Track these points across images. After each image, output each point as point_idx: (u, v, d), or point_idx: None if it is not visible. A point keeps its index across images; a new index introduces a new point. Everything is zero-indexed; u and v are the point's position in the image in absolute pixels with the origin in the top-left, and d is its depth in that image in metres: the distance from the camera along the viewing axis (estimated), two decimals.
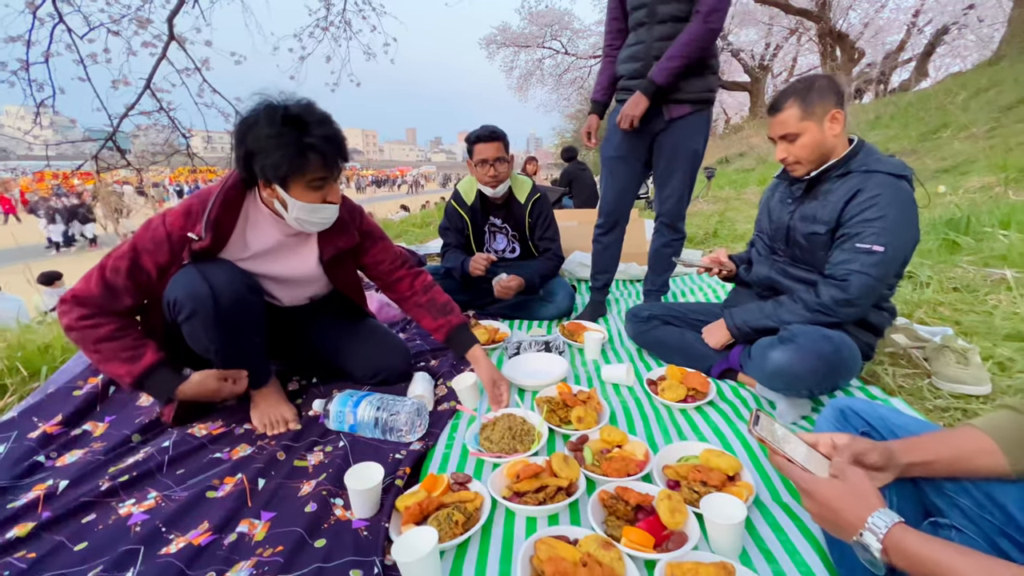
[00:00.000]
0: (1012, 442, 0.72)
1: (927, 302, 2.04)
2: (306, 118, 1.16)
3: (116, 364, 1.20)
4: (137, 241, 1.22)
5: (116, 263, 1.20)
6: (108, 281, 1.18)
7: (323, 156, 1.18)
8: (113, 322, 1.20)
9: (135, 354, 1.21)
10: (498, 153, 2.19)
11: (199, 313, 1.22)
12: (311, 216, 1.27)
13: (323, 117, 1.19)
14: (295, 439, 1.33)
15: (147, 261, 1.21)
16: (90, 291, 1.17)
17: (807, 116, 1.33)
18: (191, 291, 1.21)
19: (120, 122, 5.06)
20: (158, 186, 21.62)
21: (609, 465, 1.11)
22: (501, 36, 17.64)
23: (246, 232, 1.33)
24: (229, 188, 1.26)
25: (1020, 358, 1.53)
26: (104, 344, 1.18)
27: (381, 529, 0.96)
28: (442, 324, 1.53)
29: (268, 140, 1.13)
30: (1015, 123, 5.36)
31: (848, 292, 1.30)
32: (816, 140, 1.35)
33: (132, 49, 5.20)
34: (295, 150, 1.14)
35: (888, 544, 0.62)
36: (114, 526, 1.01)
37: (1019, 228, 2.59)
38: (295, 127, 1.14)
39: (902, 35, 13.51)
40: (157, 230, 1.22)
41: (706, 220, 4.90)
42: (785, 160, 1.41)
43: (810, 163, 1.38)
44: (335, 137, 1.20)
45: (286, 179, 1.19)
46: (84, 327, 1.17)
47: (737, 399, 1.49)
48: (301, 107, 1.17)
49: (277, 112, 1.14)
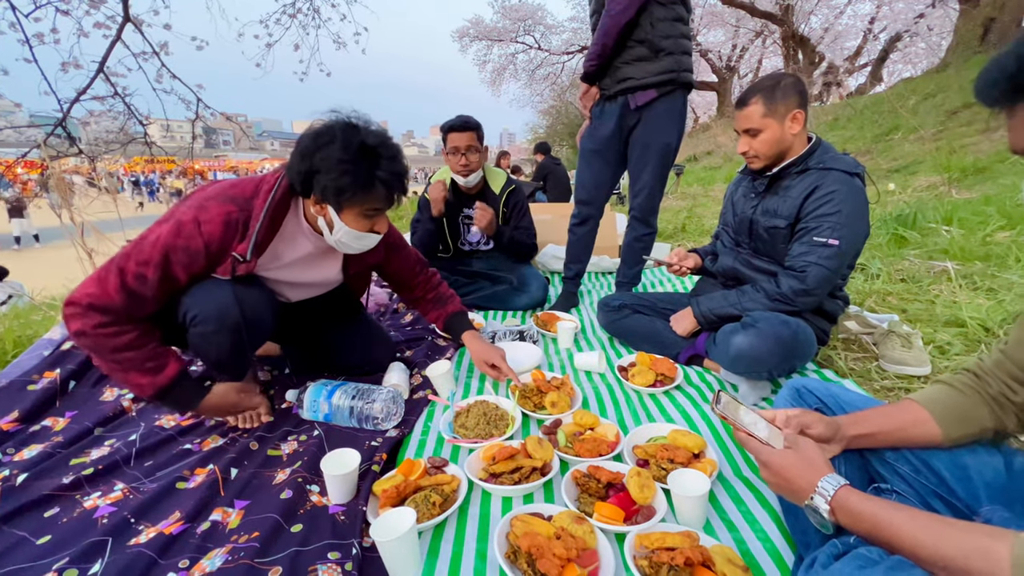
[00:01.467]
0: (945, 413, 0.80)
1: (877, 292, 2.17)
2: (381, 152, 1.15)
3: (137, 375, 1.12)
4: (168, 248, 1.11)
5: (141, 270, 1.09)
6: (133, 289, 1.09)
7: (388, 189, 1.18)
8: (134, 329, 1.11)
9: (158, 364, 1.14)
10: (470, 142, 2.20)
11: (222, 332, 1.18)
12: (354, 242, 1.26)
13: (395, 152, 1.18)
14: (268, 429, 1.32)
15: (180, 272, 1.13)
16: (110, 298, 1.07)
17: (770, 114, 1.40)
18: (221, 313, 1.17)
19: (71, 107, 4.78)
20: (112, 176, 20.50)
21: (582, 446, 1.15)
22: (474, 29, 17.49)
23: (278, 244, 1.28)
24: (277, 204, 1.20)
25: (957, 342, 1.65)
26: (124, 353, 1.10)
27: (359, 513, 0.97)
28: (441, 313, 1.62)
29: (339, 164, 1.11)
30: (959, 127, 5.72)
31: (806, 283, 1.38)
32: (776, 137, 1.42)
33: (83, 30, 4.92)
34: (364, 180, 1.13)
35: (835, 505, 0.68)
36: (79, 519, 0.98)
37: (960, 224, 2.79)
38: (368, 157, 1.13)
39: (859, 41, 14.14)
40: (192, 240, 1.12)
41: (675, 216, 5.04)
42: (746, 153, 1.48)
43: (768, 158, 1.46)
44: (401, 173, 1.19)
45: (342, 204, 1.17)
46: (102, 335, 1.07)
47: (703, 383, 1.56)
48: (378, 139, 1.15)
49: (355, 139, 1.12)
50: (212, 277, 1.19)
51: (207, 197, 1.17)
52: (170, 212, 1.19)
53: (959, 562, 0.55)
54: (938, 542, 0.57)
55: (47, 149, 5.12)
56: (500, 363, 1.47)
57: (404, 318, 2.21)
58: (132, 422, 1.36)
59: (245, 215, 1.17)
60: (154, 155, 6.06)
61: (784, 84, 1.41)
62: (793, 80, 1.43)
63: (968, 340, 1.67)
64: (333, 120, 1.15)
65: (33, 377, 1.50)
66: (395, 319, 2.22)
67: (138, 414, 1.40)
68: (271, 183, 1.21)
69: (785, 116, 1.40)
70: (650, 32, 1.83)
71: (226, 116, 6.29)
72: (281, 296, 1.41)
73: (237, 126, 8.75)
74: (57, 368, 1.53)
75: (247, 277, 1.22)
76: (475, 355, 1.52)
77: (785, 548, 0.89)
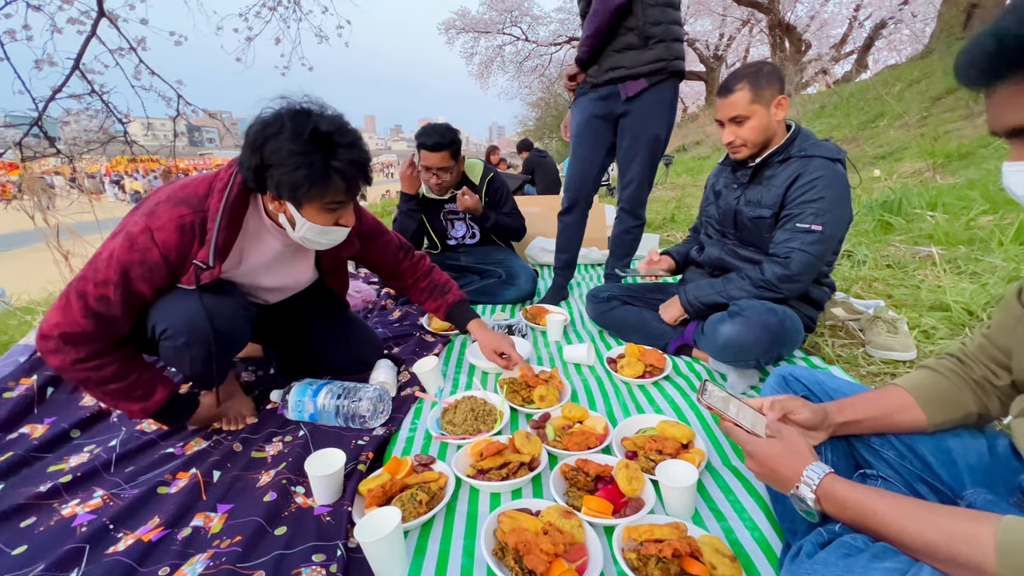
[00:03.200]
0: (929, 398, 0.80)
1: (863, 278, 2.19)
2: (337, 139, 1.04)
3: (127, 403, 1.12)
4: (125, 264, 1.03)
5: (102, 291, 1.02)
6: (98, 312, 1.02)
7: (347, 181, 1.07)
8: (115, 359, 1.07)
9: (146, 392, 1.13)
10: (442, 163, 2.15)
11: (193, 346, 1.11)
12: (319, 237, 1.16)
13: (354, 139, 1.07)
14: (253, 431, 1.30)
15: (143, 287, 1.06)
16: (80, 325, 1.01)
17: (757, 99, 1.39)
18: (191, 326, 1.10)
19: (46, 106, 4.65)
20: (94, 177, 20.02)
21: (570, 440, 1.14)
22: (460, 21, 17.30)
23: (243, 245, 1.21)
24: (233, 203, 1.11)
25: (942, 327, 1.67)
26: (109, 386, 1.08)
27: (344, 513, 0.95)
28: (440, 304, 1.56)
29: (290, 156, 1.00)
30: (943, 113, 5.77)
31: (790, 269, 1.38)
32: (763, 124, 1.41)
33: (57, 26, 4.78)
34: (319, 172, 1.02)
35: (820, 493, 0.68)
36: (56, 527, 0.96)
37: (945, 209, 2.81)
38: (322, 146, 1.02)
39: (844, 28, 14.19)
40: (149, 252, 1.04)
41: (664, 206, 5.05)
42: (732, 143, 1.46)
43: (755, 146, 1.45)
44: (362, 162, 1.08)
45: (300, 200, 1.08)
46: (85, 370, 1.04)
47: (691, 373, 1.56)
48: (333, 125, 1.04)
49: (306, 126, 1.01)
50: (178, 287, 1.11)
51: (157, 202, 1.08)
52: (122, 223, 1.11)
53: (943, 548, 0.54)
54: (922, 528, 0.57)
55: (24, 149, 5.00)
56: (510, 351, 1.44)
57: (392, 314, 2.19)
58: (113, 427, 1.34)
59: (200, 216, 1.08)
60: (135, 154, 5.94)
61: (767, 70, 1.40)
62: (772, 67, 1.42)
63: (952, 324, 1.68)
64: (282, 107, 1.04)
65: (9, 384, 1.46)
66: (383, 315, 2.20)
67: (119, 419, 1.37)
68: (225, 180, 1.12)
69: (771, 102, 1.39)
70: (640, 18, 1.79)
71: (209, 113, 6.18)
72: (258, 299, 1.37)
73: (221, 123, 8.61)
74: (34, 374, 1.50)
75: (216, 284, 1.13)
76: (483, 344, 1.49)
77: (773, 536, 0.89)
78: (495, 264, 2.43)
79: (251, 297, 1.33)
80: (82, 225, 2.72)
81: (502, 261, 2.44)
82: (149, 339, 1.13)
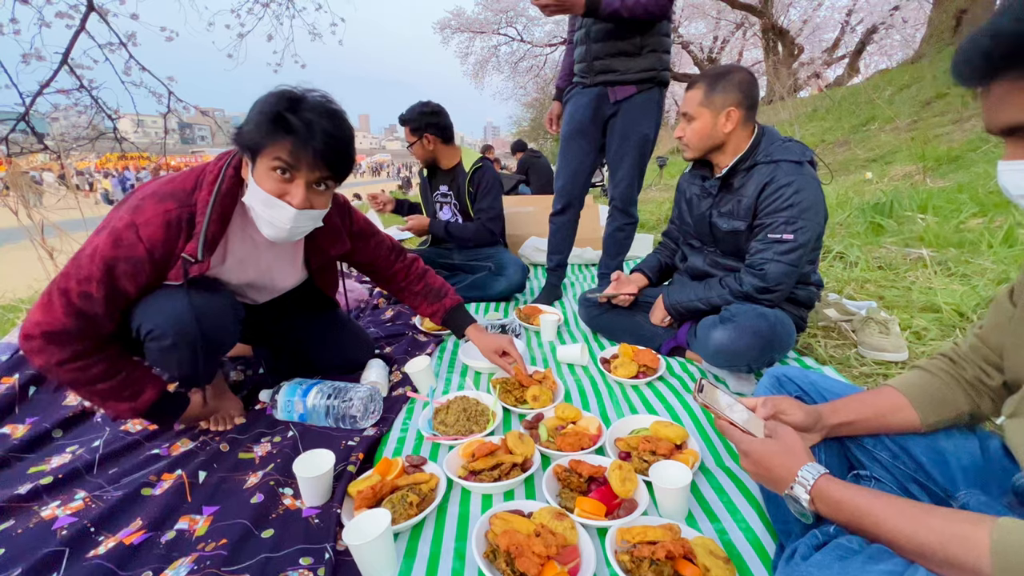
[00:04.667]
0: (922, 399, 0.80)
1: (855, 279, 2.20)
2: (305, 99, 1.02)
3: (115, 403, 1.10)
4: (109, 261, 1.00)
5: (85, 288, 0.99)
6: (81, 309, 1.00)
7: (295, 137, 1.00)
8: (102, 358, 1.05)
9: (134, 391, 1.11)
10: (408, 138, 2.36)
11: (179, 346, 1.08)
12: (264, 210, 1.06)
13: (325, 109, 1.03)
14: (241, 432, 1.27)
15: (127, 284, 1.03)
16: (63, 324, 0.99)
17: (706, 103, 1.38)
18: (178, 326, 1.07)
19: (34, 101, 4.58)
20: (83, 174, 19.72)
21: (563, 440, 1.13)
22: (456, 21, 17.27)
23: (228, 241, 1.18)
24: (224, 195, 1.09)
25: (933, 327, 1.68)
26: (98, 384, 1.06)
27: (333, 515, 0.93)
28: (437, 308, 1.52)
29: (260, 110, 1.01)
30: (933, 117, 5.83)
31: (766, 280, 1.38)
32: (706, 129, 1.40)
33: (44, 20, 4.71)
34: (269, 120, 0.99)
35: (815, 494, 0.67)
36: (36, 530, 0.93)
37: (935, 212, 2.84)
38: (287, 101, 1.01)
39: (837, 33, 14.35)
40: (134, 248, 1.01)
41: (658, 207, 5.06)
42: (680, 139, 1.47)
43: (696, 150, 1.44)
44: (322, 130, 1.01)
45: (255, 152, 1.03)
46: (72, 371, 1.02)
47: (685, 374, 1.55)
48: (310, 93, 1.04)
49: (284, 91, 1.02)
50: (164, 285, 1.09)
51: (142, 197, 1.06)
52: (106, 219, 1.08)
53: (938, 549, 0.54)
54: (917, 529, 0.56)
55: (11, 145, 4.92)
56: (510, 348, 1.43)
57: (384, 314, 2.17)
58: (96, 427, 1.31)
59: (187, 211, 1.06)
60: (125, 151, 5.87)
61: (730, 78, 1.37)
62: (742, 77, 1.39)
63: (943, 325, 1.69)
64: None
65: None
66: (375, 315, 2.18)
67: (102, 419, 1.34)
68: (215, 173, 1.10)
69: (720, 110, 1.38)
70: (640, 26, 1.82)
71: (201, 110, 6.11)
72: (246, 299, 1.34)
73: (213, 120, 8.51)
74: (16, 373, 1.46)
75: (203, 281, 1.12)
76: (484, 349, 1.46)
77: (767, 538, 0.88)
78: (484, 259, 2.45)
79: (239, 297, 1.30)
80: (69, 222, 2.67)
81: (491, 255, 2.45)
82: (134, 340, 1.11)
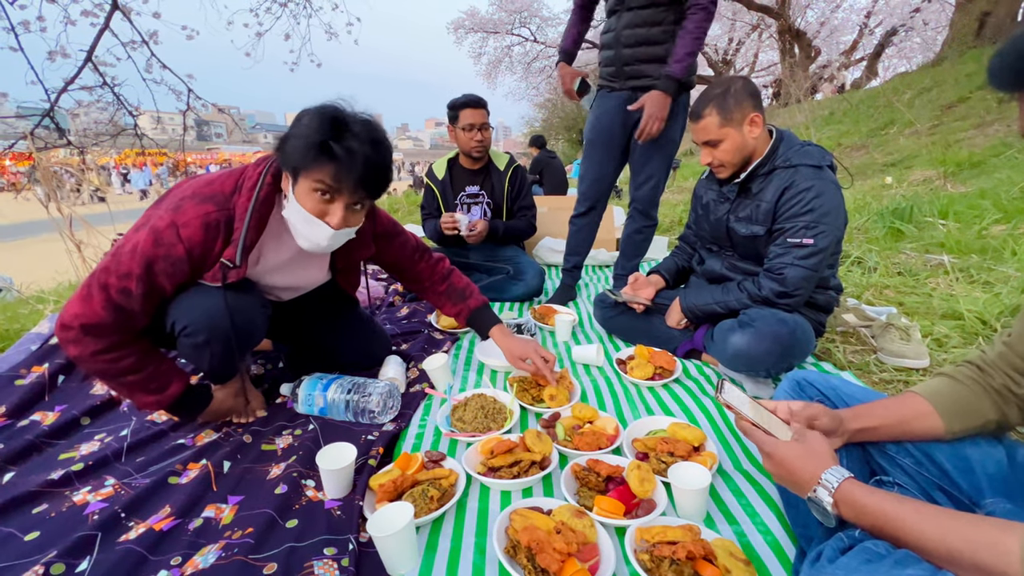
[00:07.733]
0: (948, 406, 0.79)
1: (874, 285, 2.17)
2: (349, 126, 1.05)
3: (142, 394, 1.13)
4: (149, 258, 1.04)
5: (124, 283, 1.03)
6: (119, 304, 1.04)
7: (338, 165, 1.04)
8: (133, 351, 1.09)
9: (160, 384, 1.14)
10: (484, 119, 2.26)
11: (212, 343, 1.13)
12: (302, 226, 1.11)
13: (371, 136, 1.06)
14: (263, 424, 1.30)
15: (165, 282, 1.07)
16: (100, 317, 1.02)
17: (726, 123, 1.38)
18: (213, 324, 1.11)
19: (58, 97, 4.69)
20: (104, 168, 20.12)
21: (581, 440, 1.14)
22: (469, 21, 17.30)
23: (263, 245, 1.22)
24: (262, 203, 1.13)
25: (955, 334, 1.65)
26: (128, 376, 1.09)
27: (355, 507, 0.95)
28: (461, 309, 1.52)
29: (305, 128, 1.04)
30: (954, 121, 5.72)
31: (785, 285, 1.37)
32: (737, 144, 1.40)
33: (70, 18, 4.82)
34: (315, 145, 1.03)
35: (838, 497, 0.67)
36: (68, 514, 0.96)
37: (956, 218, 2.79)
38: (333, 127, 1.04)
39: (855, 35, 14.13)
40: (174, 248, 1.05)
41: (672, 209, 5.03)
42: (711, 164, 1.46)
43: (734, 166, 1.44)
44: (364, 158, 1.04)
45: (297, 171, 1.07)
46: (104, 361, 1.06)
47: (702, 376, 1.55)
48: (356, 119, 1.07)
49: (331, 110, 1.06)
50: (199, 283, 1.12)
51: (182, 197, 1.09)
52: (145, 216, 1.13)
53: (967, 555, 0.54)
54: (945, 535, 0.56)
55: (36, 140, 5.03)
56: (535, 356, 1.39)
57: (400, 311, 2.19)
58: (123, 416, 1.34)
59: (226, 215, 1.09)
60: (144, 147, 5.97)
61: (735, 89, 1.38)
62: (743, 83, 1.40)
63: (965, 333, 1.67)
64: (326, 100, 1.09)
65: (21, 372, 1.47)
66: (391, 312, 2.20)
67: (129, 408, 1.37)
68: (254, 179, 1.13)
69: (743, 122, 1.38)
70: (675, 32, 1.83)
71: (218, 108, 6.20)
72: (270, 296, 1.37)
73: (229, 118, 8.63)
74: (45, 363, 1.50)
75: (238, 282, 1.15)
76: (508, 353, 1.44)
77: (786, 541, 0.88)
78: (503, 261, 2.44)
79: (266, 294, 1.34)
80: (94, 216, 2.73)
81: (511, 258, 2.45)
82: (167, 334, 1.14)
